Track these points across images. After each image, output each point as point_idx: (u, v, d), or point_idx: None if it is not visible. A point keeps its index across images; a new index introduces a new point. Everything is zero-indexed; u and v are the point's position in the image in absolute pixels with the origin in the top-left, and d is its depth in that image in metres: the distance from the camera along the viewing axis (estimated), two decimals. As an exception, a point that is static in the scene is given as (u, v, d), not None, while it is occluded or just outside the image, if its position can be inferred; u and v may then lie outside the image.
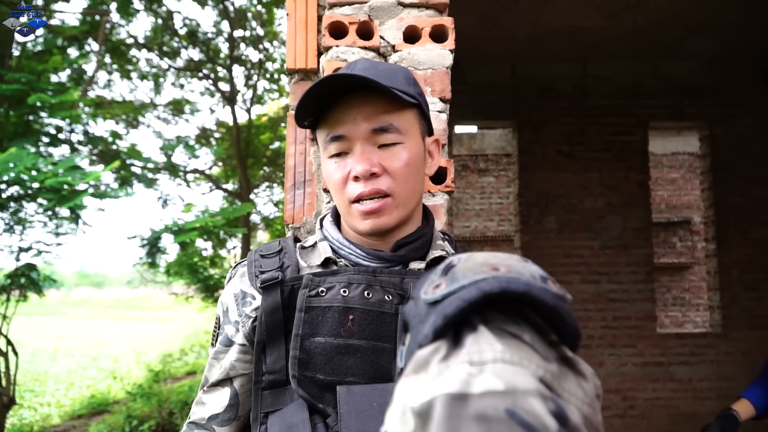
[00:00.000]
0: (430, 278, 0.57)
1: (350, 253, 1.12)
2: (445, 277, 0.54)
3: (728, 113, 5.95)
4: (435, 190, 1.52)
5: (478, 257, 0.56)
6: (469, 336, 0.48)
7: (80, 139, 7.14)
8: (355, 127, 1.06)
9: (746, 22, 4.95)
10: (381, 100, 1.06)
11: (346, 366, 1.00)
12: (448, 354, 0.48)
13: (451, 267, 0.56)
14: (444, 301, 0.51)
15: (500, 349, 0.46)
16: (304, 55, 1.60)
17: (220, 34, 10.48)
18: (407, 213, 1.11)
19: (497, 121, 6.55)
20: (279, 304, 1.06)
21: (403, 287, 1.06)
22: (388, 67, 1.12)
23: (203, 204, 15.85)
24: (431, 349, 0.49)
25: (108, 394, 9.45)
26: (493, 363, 0.45)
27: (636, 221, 5.90)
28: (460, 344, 0.48)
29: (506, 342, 0.47)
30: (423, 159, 1.13)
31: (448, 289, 0.52)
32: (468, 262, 0.55)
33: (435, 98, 1.54)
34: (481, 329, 0.48)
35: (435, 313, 0.51)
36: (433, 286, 0.54)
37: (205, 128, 11.63)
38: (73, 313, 37.35)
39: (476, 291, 0.49)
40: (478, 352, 0.46)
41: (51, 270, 8.11)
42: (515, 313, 0.51)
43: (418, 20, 1.57)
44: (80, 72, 8.04)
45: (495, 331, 0.49)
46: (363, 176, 1.05)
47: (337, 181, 1.09)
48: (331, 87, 1.04)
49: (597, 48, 5.53)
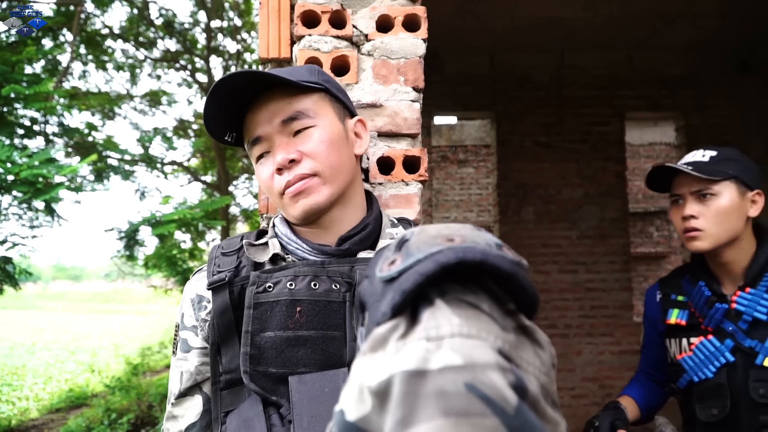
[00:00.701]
0: (384, 255, 0.56)
1: (297, 248, 1.14)
2: (399, 253, 0.53)
3: (704, 103, 6.01)
4: (409, 179, 1.52)
5: (431, 229, 0.56)
6: (425, 311, 0.48)
7: (55, 130, 7.06)
8: (268, 125, 1.10)
9: (723, 12, 5.00)
10: (285, 93, 1.11)
11: (297, 357, 1.01)
12: (406, 331, 0.47)
13: (404, 241, 0.55)
14: (400, 277, 0.50)
15: (457, 323, 0.46)
16: (277, 44, 1.59)
17: (197, 24, 10.38)
18: (337, 190, 1.12)
19: (476, 112, 6.57)
20: (228, 304, 1.08)
21: (351, 275, 1.07)
22: (291, 68, 1.18)
23: (181, 196, 15.74)
24: (389, 326, 0.49)
25: (86, 388, 9.38)
26: (450, 338, 0.44)
27: (613, 211, 5.95)
28: (418, 320, 0.47)
29: (464, 313, 0.47)
30: (344, 138, 1.17)
31: (404, 265, 0.51)
32: (421, 235, 0.54)
33: (408, 87, 1.54)
34: (438, 303, 0.48)
35: (392, 290, 0.50)
36: (388, 263, 0.53)
37: (182, 120, 11.52)
38: (51, 306, 37.06)
39: (433, 264, 0.48)
40: (435, 327, 0.46)
41: (27, 263, 8.02)
42: (473, 282, 0.51)
43: (391, 9, 1.56)
44: (55, 63, 7.93)
45: (452, 302, 0.48)
46: (283, 165, 1.09)
47: (266, 179, 1.13)
48: (231, 89, 1.07)
49: (574, 38, 5.56)
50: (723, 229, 1.65)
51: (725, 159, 1.69)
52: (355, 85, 1.54)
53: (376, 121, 1.52)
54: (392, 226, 1.21)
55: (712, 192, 1.66)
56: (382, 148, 1.53)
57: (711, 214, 1.66)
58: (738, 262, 1.70)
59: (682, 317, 1.75)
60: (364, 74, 1.55)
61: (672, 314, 1.78)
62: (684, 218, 1.70)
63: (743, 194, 1.68)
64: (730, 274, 1.72)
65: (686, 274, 1.82)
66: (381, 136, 1.53)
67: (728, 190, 1.66)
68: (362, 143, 1.22)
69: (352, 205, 1.17)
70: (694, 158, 1.73)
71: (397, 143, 1.54)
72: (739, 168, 1.68)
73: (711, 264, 1.76)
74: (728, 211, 1.65)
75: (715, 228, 1.65)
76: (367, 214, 1.20)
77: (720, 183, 1.66)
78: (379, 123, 1.52)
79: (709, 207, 1.66)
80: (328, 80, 1.20)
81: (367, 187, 1.36)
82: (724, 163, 1.68)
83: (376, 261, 0.58)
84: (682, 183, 1.73)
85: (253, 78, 1.07)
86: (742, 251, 1.70)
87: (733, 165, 1.67)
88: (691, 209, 1.68)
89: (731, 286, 1.71)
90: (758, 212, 1.71)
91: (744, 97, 5.97)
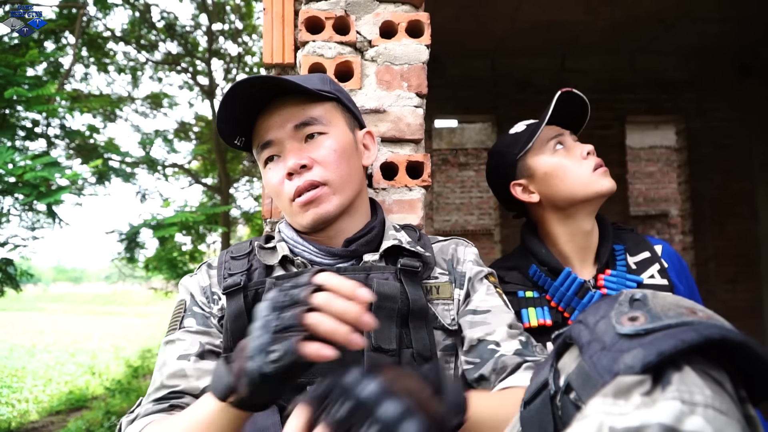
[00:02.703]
0: (616, 307, 0.59)
1: (304, 250, 1.15)
2: (640, 312, 0.56)
3: (705, 107, 6.01)
4: (412, 184, 1.53)
5: (667, 296, 0.58)
6: (674, 374, 0.50)
7: (57, 133, 7.06)
8: (280, 129, 1.11)
9: (724, 16, 5.00)
10: (298, 99, 1.12)
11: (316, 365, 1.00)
12: (652, 389, 0.49)
13: (637, 300, 0.58)
14: (646, 336, 0.53)
15: (710, 395, 0.48)
16: (281, 49, 1.60)
17: (199, 27, 10.39)
18: (346, 200, 1.14)
19: (477, 116, 6.56)
20: (243, 309, 1.07)
21: (368, 284, 1.07)
22: (304, 76, 1.18)
23: (182, 199, 15.75)
24: (636, 380, 0.50)
25: (87, 390, 9.36)
26: (704, 407, 0.47)
27: (614, 215, 5.94)
28: (665, 380, 0.49)
29: (712, 388, 0.49)
30: (354, 149, 1.18)
31: (650, 325, 0.54)
32: (659, 299, 0.57)
33: (411, 93, 1.55)
34: (686, 369, 0.50)
35: (641, 347, 0.52)
36: (628, 318, 0.56)
37: (183, 122, 11.54)
38: (51, 308, 36.98)
39: (696, 334, 0.50)
40: (688, 392, 0.48)
41: (28, 265, 8.02)
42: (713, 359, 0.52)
43: (395, 15, 1.57)
44: (57, 65, 7.93)
45: (699, 373, 0.50)
46: (294, 170, 1.09)
47: (275, 184, 1.13)
48: (244, 95, 1.08)
49: (575, 42, 5.56)
50: None
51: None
52: (358, 91, 1.54)
53: (379, 126, 1.53)
54: (395, 231, 1.22)
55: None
56: (386, 154, 1.53)
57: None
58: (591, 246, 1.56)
59: (544, 316, 1.46)
60: (368, 80, 1.56)
61: (529, 315, 1.46)
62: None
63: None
64: (584, 260, 1.56)
65: (527, 263, 1.56)
66: (384, 141, 1.54)
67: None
68: (370, 155, 1.24)
69: (359, 215, 1.19)
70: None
71: (400, 149, 1.55)
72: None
73: (563, 250, 1.57)
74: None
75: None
76: (371, 219, 1.22)
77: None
78: (382, 128, 1.53)
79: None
80: (340, 90, 1.21)
81: (371, 194, 1.36)
82: None
83: (598, 310, 0.60)
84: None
85: (268, 83, 1.07)
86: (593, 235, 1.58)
87: None
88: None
89: (587, 270, 1.55)
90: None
91: (745, 100, 5.97)
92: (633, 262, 1.56)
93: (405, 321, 1.07)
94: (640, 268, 1.54)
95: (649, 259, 1.56)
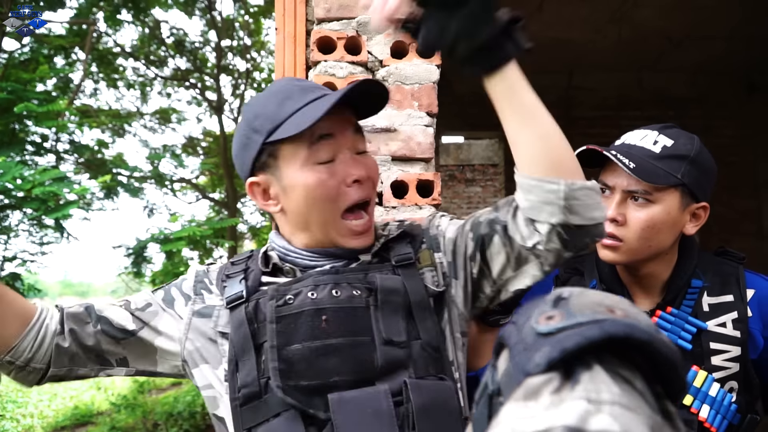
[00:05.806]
0: (539, 306, 0.58)
1: (298, 257, 1.15)
2: (558, 310, 0.55)
3: (712, 124, 6.00)
4: (422, 203, 1.53)
5: (593, 295, 0.58)
6: (584, 373, 0.49)
7: (66, 147, 7.11)
8: (340, 126, 1.10)
9: (731, 34, 5.01)
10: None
11: (329, 367, 1.01)
12: (560, 387, 0.49)
13: (562, 299, 0.57)
14: (558, 334, 0.52)
15: (617, 393, 0.47)
16: (293, 69, 1.62)
17: (208, 43, 10.48)
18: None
19: (484, 132, 6.58)
20: (244, 318, 1.08)
21: (369, 281, 1.08)
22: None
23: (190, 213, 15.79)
24: (544, 378, 0.50)
25: (92, 405, 9.35)
26: (610, 405, 0.46)
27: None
28: (574, 379, 0.49)
29: (621, 386, 0.49)
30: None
31: (564, 323, 0.53)
32: (582, 297, 0.57)
33: (422, 112, 1.56)
34: (596, 368, 0.50)
35: (550, 345, 0.52)
36: (546, 317, 0.55)
37: (192, 137, 11.59)
38: (57, 322, 36.95)
39: (599, 331, 0.50)
40: (595, 391, 0.47)
41: (35, 279, 8.04)
42: (625, 357, 0.52)
43: (405, 36, 1.58)
44: (67, 81, 8.00)
45: (609, 372, 0.50)
46: (364, 179, 1.10)
47: (331, 188, 1.08)
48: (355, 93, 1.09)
49: (582, 60, 5.57)
50: (647, 245, 1.34)
51: (679, 156, 1.36)
52: (369, 110, 1.56)
53: (390, 145, 1.54)
54: (382, 230, 1.24)
55: (649, 198, 1.33)
56: (396, 172, 1.54)
57: (639, 224, 1.33)
58: (657, 275, 1.42)
59: None
60: (379, 99, 1.57)
61: None
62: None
63: (686, 206, 1.37)
64: (646, 288, 1.44)
65: (590, 277, 1.50)
66: (395, 160, 1.55)
67: (670, 200, 1.33)
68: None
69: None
70: (643, 143, 1.39)
71: (410, 167, 1.56)
72: (692, 172, 1.37)
73: (622, 273, 1.47)
74: (661, 224, 1.33)
75: (637, 242, 1.34)
76: None
77: (663, 190, 1.33)
78: (393, 147, 1.54)
79: (640, 215, 1.33)
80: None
81: (380, 211, 1.37)
82: (675, 161, 1.34)
83: (527, 310, 0.59)
84: (617, 172, 1.39)
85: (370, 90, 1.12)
86: (663, 263, 1.41)
87: (686, 167, 1.35)
88: (619, 212, 1.35)
89: (646, 302, 1.44)
90: (696, 230, 1.40)
91: (751, 117, 5.96)
92: (709, 303, 1.39)
93: (409, 313, 1.08)
94: (713, 313, 1.37)
95: (729, 305, 1.37)
